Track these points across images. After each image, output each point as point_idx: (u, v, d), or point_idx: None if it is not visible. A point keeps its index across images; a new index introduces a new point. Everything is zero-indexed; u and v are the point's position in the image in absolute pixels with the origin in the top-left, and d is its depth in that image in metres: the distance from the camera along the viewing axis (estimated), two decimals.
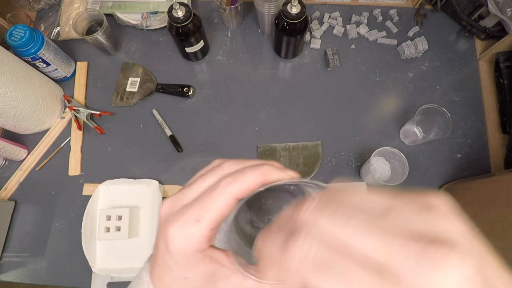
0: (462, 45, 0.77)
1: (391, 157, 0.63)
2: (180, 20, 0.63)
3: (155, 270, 0.22)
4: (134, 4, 0.77)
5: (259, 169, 0.20)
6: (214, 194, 0.20)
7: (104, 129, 0.72)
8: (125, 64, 0.77)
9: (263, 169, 0.20)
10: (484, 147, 0.69)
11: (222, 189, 0.20)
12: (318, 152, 0.69)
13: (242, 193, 0.20)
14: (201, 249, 0.21)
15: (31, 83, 0.64)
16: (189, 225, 0.20)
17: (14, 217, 0.67)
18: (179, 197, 0.22)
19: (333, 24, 0.79)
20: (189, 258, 0.20)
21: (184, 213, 0.20)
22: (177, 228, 0.20)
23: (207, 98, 0.74)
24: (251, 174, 0.20)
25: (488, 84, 0.73)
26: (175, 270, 0.21)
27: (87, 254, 0.61)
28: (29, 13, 0.81)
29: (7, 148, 0.65)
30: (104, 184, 0.66)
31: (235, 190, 0.20)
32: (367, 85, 0.74)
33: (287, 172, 0.21)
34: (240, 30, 0.80)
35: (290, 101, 0.73)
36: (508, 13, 0.65)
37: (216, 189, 0.20)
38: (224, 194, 0.20)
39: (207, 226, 0.20)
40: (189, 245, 0.20)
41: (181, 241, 0.20)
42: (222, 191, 0.20)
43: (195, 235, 0.20)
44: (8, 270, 0.63)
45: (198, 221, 0.20)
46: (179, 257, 0.20)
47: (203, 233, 0.20)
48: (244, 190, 0.20)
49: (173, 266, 0.21)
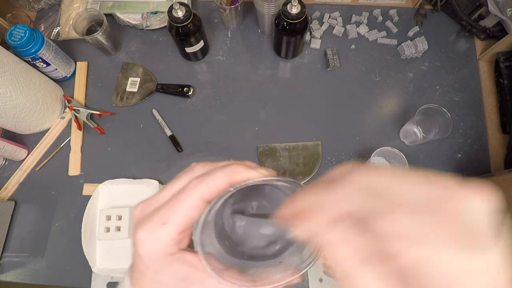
0: (462, 45, 0.77)
1: (391, 157, 0.63)
2: (180, 20, 0.63)
3: (133, 274, 0.22)
4: (134, 4, 0.77)
5: (227, 170, 0.20)
6: (180, 196, 0.20)
7: (104, 129, 0.72)
8: (125, 64, 0.77)
9: (230, 169, 0.20)
10: (484, 147, 0.69)
11: (189, 191, 0.20)
12: (318, 152, 0.69)
13: (210, 194, 0.20)
14: (171, 252, 0.20)
15: (31, 83, 0.64)
16: (157, 229, 0.20)
17: (14, 217, 0.67)
18: (150, 201, 0.22)
19: (333, 24, 0.79)
20: (159, 262, 0.20)
21: (152, 216, 0.20)
22: (145, 231, 0.20)
23: (207, 98, 0.74)
24: (218, 175, 0.20)
25: (488, 84, 0.73)
26: (148, 274, 0.21)
27: (87, 254, 0.61)
28: (29, 13, 0.81)
29: (7, 148, 0.65)
30: (104, 184, 0.66)
31: (202, 192, 0.20)
32: (367, 85, 0.74)
33: (259, 171, 0.21)
34: (240, 30, 0.80)
35: (290, 101, 0.73)
36: (508, 13, 0.65)
37: (183, 192, 0.20)
38: (191, 196, 0.20)
39: (174, 229, 0.20)
40: (157, 248, 0.20)
41: (149, 244, 0.20)
42: (189, 193, 0.20)
43: (163, 238, 0.20)
44: (8, 270, 0.63)
45: (165, 223, 0.20)
46: (149, 260, 0.20)
47: (170, 236, 0.20)
48: (212, 192, 0.20)
49: (145, 270, 0.21)
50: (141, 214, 0.22)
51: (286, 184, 0.21)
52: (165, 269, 0.20)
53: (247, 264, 0.23)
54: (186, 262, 0.21)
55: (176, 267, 0.20)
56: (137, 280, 0.22)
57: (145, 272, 0.21)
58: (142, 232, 0.20)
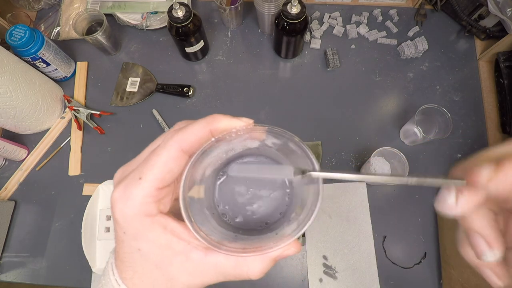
0: (462, 45, 0.77)
1: (391, 157, 0.63)
2: (180, 20, 0.63)
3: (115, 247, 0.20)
4: (134, 4, 0.77)
5: (206, 118, 0.19)
6: (156, 149, 0.19)
7: (104, 129, 0.72)
8: (125, 64, 0.77)
9: (210, 117, 0.19)
10: (484, 147, 0.69)
11: (165, 142, 0.18)
12: (318, 152, 0.69)
13: (189, 143, 0.18)
14: (148, 212, 0.18)
15: (31, 83, 0.64)
16: (131, 185, 0.18)
17: (14, 217, 0.67)
18: (130, 163, 0.20)
19: (333, 24, 0.79)
20: (135, 223, 0.18)
21: (128, 175, 0.18)
22: (119, 190, 0.18)
23: (207, 98, 0.74)
24: (196, 124, 0.19)
25: (488, 84, 0.73)
26: (126, 241, 0.19)
27: (87, 254, 0.60)
28: (29, 13, 0.81)
29: (7, 148, 0.65)
30: (104, 184, 0.66)
31: (179, 141, 0.18)
32: (367, 85, 0.74)
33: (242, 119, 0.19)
34: (240, 30, 0.80)
35: (290, 101, 0.73)
36: (508, 13, 0.65)
37: (160, 144, 0.19)
38: (167, 147, 0.18)
39: (150, 183, 0.17)
40: (132, 207, 0.18)
41: (123, 203, 0.18)
42: (165, 145, 0.18)
43: (138, 195, 0.17)
44: (8, 270, 0.63)
45: (140, 179, 0.18)
46: (124, 223, 0.18)
47: (146, 192, 0.17)
48: (191, 141, 0.18)
49: (124, 237, 0.19)
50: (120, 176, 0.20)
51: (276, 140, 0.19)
52: (143, 233, 0.18)
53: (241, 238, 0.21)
54: (168, 229, 0.18)
55: (156, 233, 0.18)
56: (118, 253, 0.20)
57: (124, 239, 0.19)
58: (117, 192, 0.18)
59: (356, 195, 0.66)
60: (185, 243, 0.18)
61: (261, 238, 0.21)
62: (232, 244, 0.18)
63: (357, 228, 0.64)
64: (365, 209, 0.65)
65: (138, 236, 0.18)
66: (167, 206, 0.19)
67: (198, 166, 0.18)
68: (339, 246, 0.62)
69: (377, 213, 0.65)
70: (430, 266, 0.61)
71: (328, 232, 0.64)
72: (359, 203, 0.65)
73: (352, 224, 0.64)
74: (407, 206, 0.65)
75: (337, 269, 0.61)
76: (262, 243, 0.18)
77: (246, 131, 0.19)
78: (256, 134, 0.19)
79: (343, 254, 0.62)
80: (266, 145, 0.21)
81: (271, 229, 0.22)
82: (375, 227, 0.64)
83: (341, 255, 0.62)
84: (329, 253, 0.62)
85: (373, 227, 0.64)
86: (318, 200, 0.18)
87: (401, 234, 0.63)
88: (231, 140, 0.19)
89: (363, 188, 0.66)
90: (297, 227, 0.18)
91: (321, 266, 0.61)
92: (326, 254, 0.62)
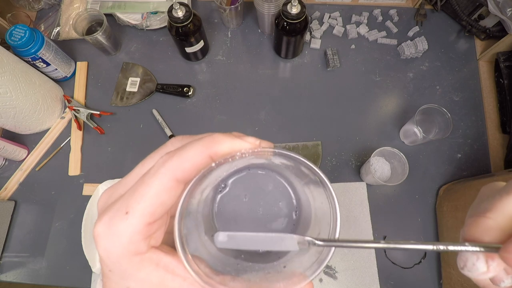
0: (462, 45, 0.77)
1: (391, 157, 0.63)
2: (180, 20, 0.63)
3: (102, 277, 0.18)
4: (134, 4, 0.77)
5: (205, 140, 0.16)
6: (146, 177, 0.16)
7: (104, 129, 0.72)
8: (125, 64, 0.77)
9: (209, 139, 0.16)
10: (484, 147, 0.69)
11: (156, 169, 0.16)
12: (318, 152, 0.69)
13: (184, 171, 0.16)
14: (137, 251, 0.16)
15: (31, 83, 0.64)
16: (117, 220, 0.15)
17: (14, 217, 0.67)
18: (116, 186, 0.17)
19: (333, 24, 0.79)
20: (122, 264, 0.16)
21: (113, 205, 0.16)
22: (103, 224, 0.15)
23: (207, 98, 0.74)
24: (193, 147, 0.16)
25: (488, 84, 0.73)
26: (112, 278, 0.17)
27: (87, 254, 0.60)
28: (29, 13, 0.81)
29: (7, 148, 0.65)
30: (104, 184, 0.66)
31: (173, 169, 0.15)
32: (367, 85, 0.74)
33: (247, 139, 0.16)
34: (240, 30, 0.80)
35: (290, 101, 0.73)
36: (508, 13, 0.65)
37: (150, 171, 0.16)
38: (158, 175, 0.15)
39: (139, 220, 0.15)
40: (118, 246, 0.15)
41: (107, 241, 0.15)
42: (155, 172, 0.16)
43: (124, 232, 0.15)
44: (8, 270, 0.63)
45: (127, 213, 0.15)
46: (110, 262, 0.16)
47: (135, 228, 0.15)
48: (186, 169, 0.16)
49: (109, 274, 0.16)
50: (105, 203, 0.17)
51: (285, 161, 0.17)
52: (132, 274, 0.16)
53: (245, 267, 0.19)
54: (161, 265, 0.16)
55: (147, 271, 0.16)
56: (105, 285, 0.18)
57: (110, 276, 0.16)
58: (100, 226, 0.15)
59: (356, 195, 0.66)
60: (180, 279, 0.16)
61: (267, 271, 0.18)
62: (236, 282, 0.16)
63: (357, 228, 0.64)
64: (365, 209, 0.65)
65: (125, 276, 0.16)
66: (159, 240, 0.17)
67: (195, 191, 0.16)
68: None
69: (377, 213, 0.65)
70: (430, 266, 0.61)
71: None
72: (359, 203, 0.65)
73: (352, 224, 0.64)
74: (407, 206, 0.65)
75: (337, 269, 0.61)
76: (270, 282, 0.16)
77: (252, 154, 0.16)
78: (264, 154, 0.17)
79: (343, 254, 0.62)
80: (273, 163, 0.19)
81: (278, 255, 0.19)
82: (375, 227, 0.64)
83: (341, 255, 0.62)
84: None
85: (373, 227, 0.64)
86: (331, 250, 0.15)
87: (401, 234, 0.63)
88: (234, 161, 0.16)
89: (363, 188, 0.66)
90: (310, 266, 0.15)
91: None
92: None
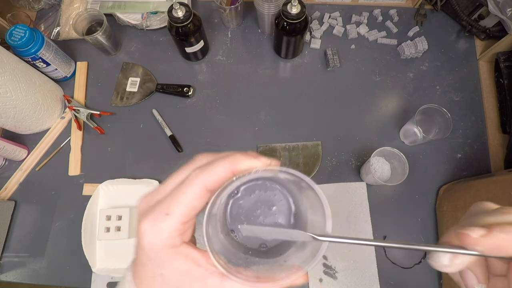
0: (462, 45, 0.77)
1: (391, 157, 0.63)
2: (180, 20, 0.63)
3: (135, 268, 0.22)
4: (134, 4, 0.77)
5: (229, 159, 0.20)
6: (182, 186, 0.20)
7: (104, 129, 0.72)
8: (125, 64, 0.77)
9: (232, 158, 0.20)
10: (484, 147, 0.69)
11: (191, 180, 0.20)
12: (318, 152, 0.69)
13: (213, 183, 0.20)
14: (174, 244, 0.20)
15: (31, 83, 0.64)
16: (159, 220, 0.20)
17: (14, 217, 0.67)
18: (154, 193, 0.22)
19: (333, 24, 0.79)
20: (161, 254, 0.20)
21: (155, 208, 0.20)
22: (148, 223, 0.20)
23: (207, 98, 0.74)
24: (220, 164, 0.20)
25: (488, 84, 0.73)
26: (150, 267, 0.21)
27: (87, 254, 0.61)
28: (29, 13, 0.81)
29: (7, 148, 0.65)
30: (104, 184, 0.66)
31: (204, 181, 0.20)
32: (367, 85, 0.74)
33: (261, 160, 0.21)
34: (240, 30, 0.80)
35: (290, 101, 0.73)
36: (508, 13, 0.65)
37: (185, 182, 0.20)
38: (193, 186, 0.20)
39: (177, 220, 0.20)
40: (160, 240, 0.20)
41: (152, 236, 0.20)
42: (191, 183, 0.20)
43: (165, 230, 0.20)
44: (8, 270, 0.63)
45: (168, 214, 0.20)
46: (152, 252, 0.20)
47: (173, 227, 0.20)
48: (214, 181, 0.20)
49: (148, 263, 0.21)
50: (145, 206, 0.21)
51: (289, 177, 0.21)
52: (168, 262, 0.20)
53: (253, 261, 0.23)
54: (189, 257, 0.20)
55: (179, 261, 0.20)
56: (139, 274, 0.22)
57: (148, 265, 0.21)
58: (145, 224, 0.20)
59: (356, 195, 0.66)
60: (203, 269, 0.20)
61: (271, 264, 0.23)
62: (247, 271, 0.20)
63: (357, 228, 0.64)
64: (365, 209, 0.65)
65: (162, 264, 0.20)
66: (189, 236, 0.22)
67: (217, 198, 0.20)
68: (339, 246, 0.62)
69: (377, 213, 0.65)
70: (430, 266, 0.61)
71: None
72: (359, 203, 0.65)
73: (352, 224, 0.64)
74: (407, 206, 0.65)
75: (337, 269, 0.61)
76: (274, 272, 0.20)
77: (264, 172, 0.21)
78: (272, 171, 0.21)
79: (343, 254, 0.62)
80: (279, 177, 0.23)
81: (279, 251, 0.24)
82: (375, 227, 0.64)
83: (341, 255, 0.62)
84: (329, 253, 0.62)
85: (373, 227, 0.64)
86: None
87: (401, 234, 0.63)
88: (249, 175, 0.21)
89: (363, 188, 0.66)
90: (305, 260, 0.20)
91: (321, 266, 0.62)
92: (326, 254, 0.62)
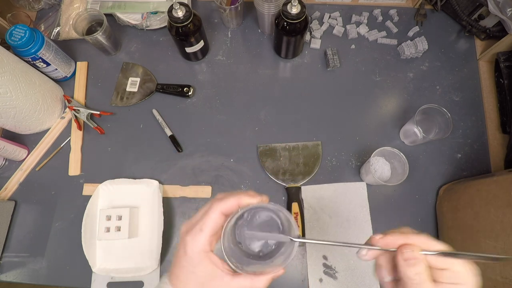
0: (462, 45, 0.77)
1: (391, 157, 0.63)
2: (180, 20, 0.63)
3: (174, 270, 0.32)
4: (134, 4, 0.77)
5: (236, 196, 0.32)
6: (208, 212, 0.31)
7: (104, 129, 0.72)
8: (125, 64, 0.77)
9: (238, 196, 0.32)
10: (484, 147, 0.69)
11: (214, 208, 0.31)
12: (318, 152, 0.69)
13: (226, 210, 0.31)
14: (205, 250, 0.31)
15: (31, 83, 0.64)
16: (197, 234, 0.31)
17: (14, 217, 0.67)
18: (192, 220, 0.33)
19: (333, 24, 0.79)
20: (196, 257, 0.30)
21: (193, 227, 0.31)
22: (190, 236, 0.31)
23: (207, 98, 0.74)
24: (230, 199, 0.32)
25: (488, 84, 0.73)
26: (187, 267, 0.31)
27: (87, 254, 0.60)
28: (29, 13, 0.81)
29: (7, 148, 0.65)
30: (104, 184, 0.66)
31: (220, 208, 0.31)
32: (367, 85, 0.74)
33: (256, 198, 0.32)
34: (240, 30, 0.80)
35: (290, 101, 0.73)
36: (508, 13, 0.65)
37: (209, 209, 0.32)
38: (215, 211, 0.31)
39: (207, 233, 0.31)
40: (197, 247, 0.30)
41: (193, 244, 0.30)
42: (213, 209, 0.31)
43: (201, 240, 0.30)
44: (8, 270, 0.63)
45: (202, 230, 0.31)
46: (192, 255, 0.30)
47: (206, 238, 0.30)
48: (227, 208, 0.31)
49: (186, 264, 0.31)
50: (186, 227, 0.32)
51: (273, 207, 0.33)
52: (199, 263, 0.30)
53: (251, 262, 0.33)
54: (213, 261, 0.31)
55: (206, 263, 0.30)
56: (177, 274, 0.31)
57: (186, 266, 0.31)
58: (188, 237, 0.31)
59: (356, 195, 0.66)
60: (220, 270, 0.31)
61: (263, 264, 0.33)
62: (249, 268, 0.31)
63: (357, 228, 0.64)
64: (365, 209, 0.65)
65: (197, 264, 0.30)
66: (214, 246, 0.32)
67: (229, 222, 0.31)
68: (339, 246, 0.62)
69: (377, 213, 0.65)
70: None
71: (328, 232, 0.64)
72: (359, 203, 0.65)
73: (352, 224, 0.64)
74: (407, 206, 0.65)
75: (337, 269, 0.61)
76: (264, 269, 0.31)
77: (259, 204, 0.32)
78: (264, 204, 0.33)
79: (343, 254, 0.62)
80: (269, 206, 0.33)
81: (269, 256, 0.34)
82: (375, 227, 0.64)
83: (341, 255, 0.62)
84: (329, 253, 0.62)
85: (373, 227, 0.64)
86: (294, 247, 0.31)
87: None
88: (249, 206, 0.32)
89: (363, 188, 0.66)
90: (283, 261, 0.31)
91: (321, 266, 0.62)
92: (326, 254, 0.62)
